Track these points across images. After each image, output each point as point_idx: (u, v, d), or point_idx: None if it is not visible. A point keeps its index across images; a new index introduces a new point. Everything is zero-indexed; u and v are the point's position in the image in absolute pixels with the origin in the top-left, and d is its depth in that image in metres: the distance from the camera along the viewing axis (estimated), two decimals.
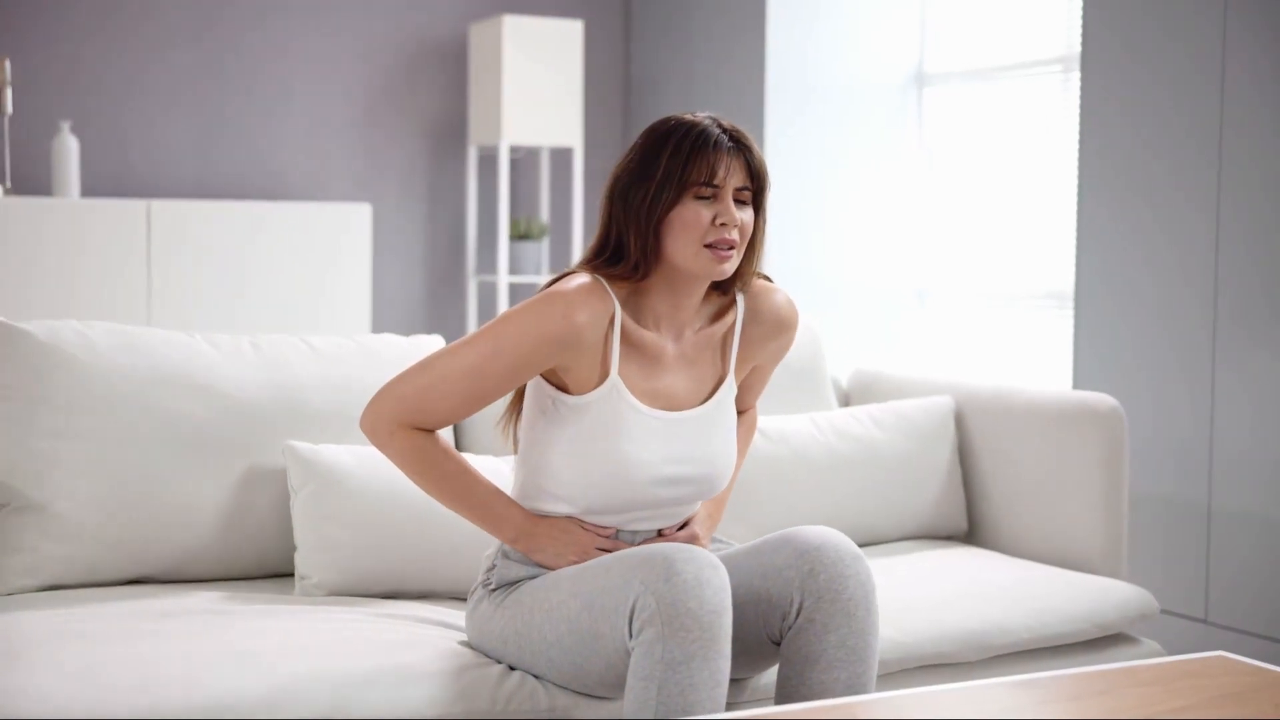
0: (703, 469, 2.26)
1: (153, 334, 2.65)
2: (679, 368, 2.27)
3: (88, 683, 2.01)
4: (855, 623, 2.11)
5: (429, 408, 2.20)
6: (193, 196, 4.89)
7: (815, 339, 3.24)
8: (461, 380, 2.18)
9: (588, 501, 2.23)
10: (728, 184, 2.17)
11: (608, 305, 2.19)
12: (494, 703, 2.16)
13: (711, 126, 2.19)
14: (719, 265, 2.18)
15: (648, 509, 2.26)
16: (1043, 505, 3.00)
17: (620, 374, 2.21)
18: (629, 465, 2.20)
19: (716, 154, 2.16)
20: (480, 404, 2.21)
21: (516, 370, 2.18)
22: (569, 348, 2.17)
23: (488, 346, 2.17)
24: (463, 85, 5.35)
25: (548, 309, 2.16)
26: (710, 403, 2.28)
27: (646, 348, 2.24)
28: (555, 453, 2.23)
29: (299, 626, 2.29)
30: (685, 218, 2.16)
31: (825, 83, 4.98)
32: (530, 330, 2.16)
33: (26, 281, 4.33)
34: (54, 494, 2.48)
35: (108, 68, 4.78)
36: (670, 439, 2.23)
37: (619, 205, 2.20)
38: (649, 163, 2.17)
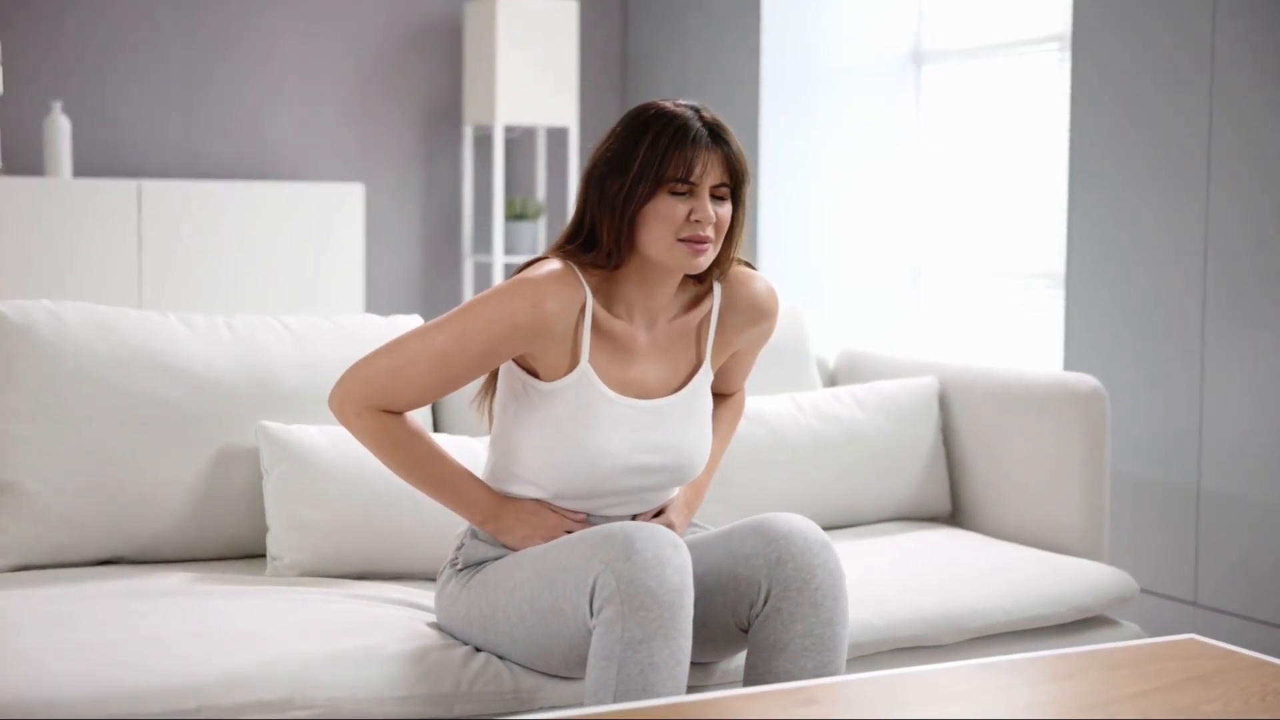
0: (673, 458, 2.24)
1: (125, 314, 2.64)
2: (651, 356, 2.24)
3: (43, 664, 2.00)
4: (823, 612, 2.09)
5: (396, 390, 2.18)
6: (185, 176, 4.88)
7: (799, 319, 3.22)
8: (429, 365, 2.17)
9: (557, 487, 2.22)
10: (704, 181, 2.14)
11: (578, 293, 2.17)
12: (458, 684, 2.15)
13: (692, 120, 2.15)
14: (693, 259, 2.15)
15: (618, 495, 2.24)
16: (1025, 487, 2.97)
17: (591, 362, 2.19)
18: (597, 453, 2.18)
19: (694, 150, 2.13)
20: (448, 388, 2.20)
21: (484, 357, 2.16)
22: (537, 336, 2.15)
23: (456, 332, 2.15)
24: (458, 64, 5.32)
25: (517, 297, 2.14)
26: (684, 391, 2.26)
27: (618, 336, 2.21)
28: (525, 438, 2.22)
29: (265, 607, 2.28)
30: (660, 212, 2.13)
31: (822, 61, 4.95)
32: (499, 318, 2.14)
33: (17, 261, 4.32)
34: (23, 474, 2.47)
35: (99, 47, 4.77)
36: (640, 427, 2.21)
37: (595, 193, 2.17)
38: (627, 152, 2.14)
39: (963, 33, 4.89)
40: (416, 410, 2.70)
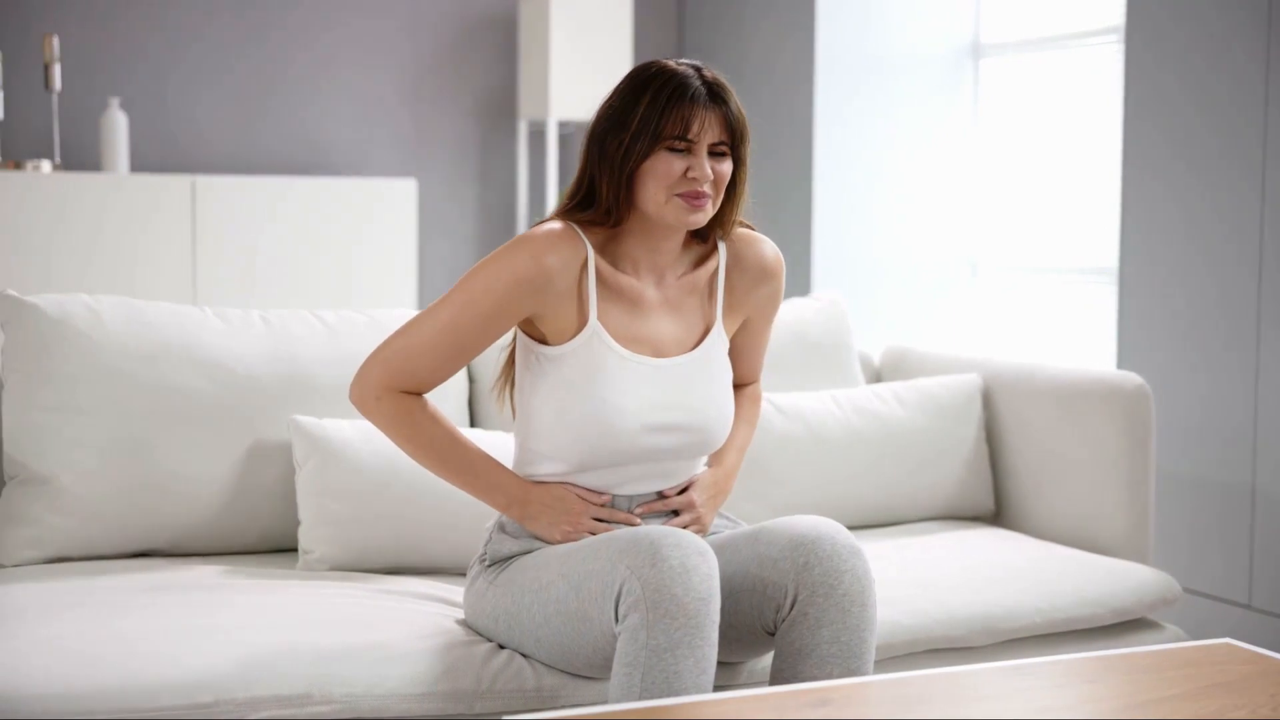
0: (693, 417, 2.21)
1: (161, 308, 2.65)
2: (663, 313, 2.24)
3: (64, 655, 2.01)
4: (850, 619, 2.05)
5: (411, 367, 2.19)
6: (240, 172, 4.91)
7: (841, 314, 3.18)
8: (439, 335, 2.17)
9: (579, 457, 2.19)
10: (702, 138, 2.14)
11: (579, 249, 2.18)
12: (479, 681, 2.14)
13: (691, 78, 2.15)
14: (690, 215, 2.16)
15: (640, 463, 2.20)
16: (1068, 486, 2.92)
17: (600, 320, 2.19)
18: (614, 412, 2.16)
19: (692, 107, 2.13)
20: (461, 359, 2.20)
21: (491, 319, 2.16)
22: (540, 291, 2.15)
23: (461, 298, 2.17)
24: (512, 59, 5.32)
25: (516, 253, 2.16)
26: (699, 350, 2.24)
27: (625, 292, 2.21)
28: (541, 408, 2.21)
29: (290, 601, 2.28)
30: (658, 169, 2.14)
31: (879, 54, 4.89)
32: (500, 276, 2.15)
33: (74, 256, 4.36)
34: (58, 467, 2.49)
35: (156, 44, 4.81)
36: (657, 385, 2.19)
37: (595, 150, 2.19)
38: (627, 110, 2.15)
39: (1022, 25, 4.82)
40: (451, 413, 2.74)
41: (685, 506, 2.25)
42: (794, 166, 4.93)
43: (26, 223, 4.32)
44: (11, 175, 4.34)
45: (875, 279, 4.90)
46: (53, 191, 4.37)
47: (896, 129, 4.92)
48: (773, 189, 5.07)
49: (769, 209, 5.11)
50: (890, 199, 4.93)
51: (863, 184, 4.90)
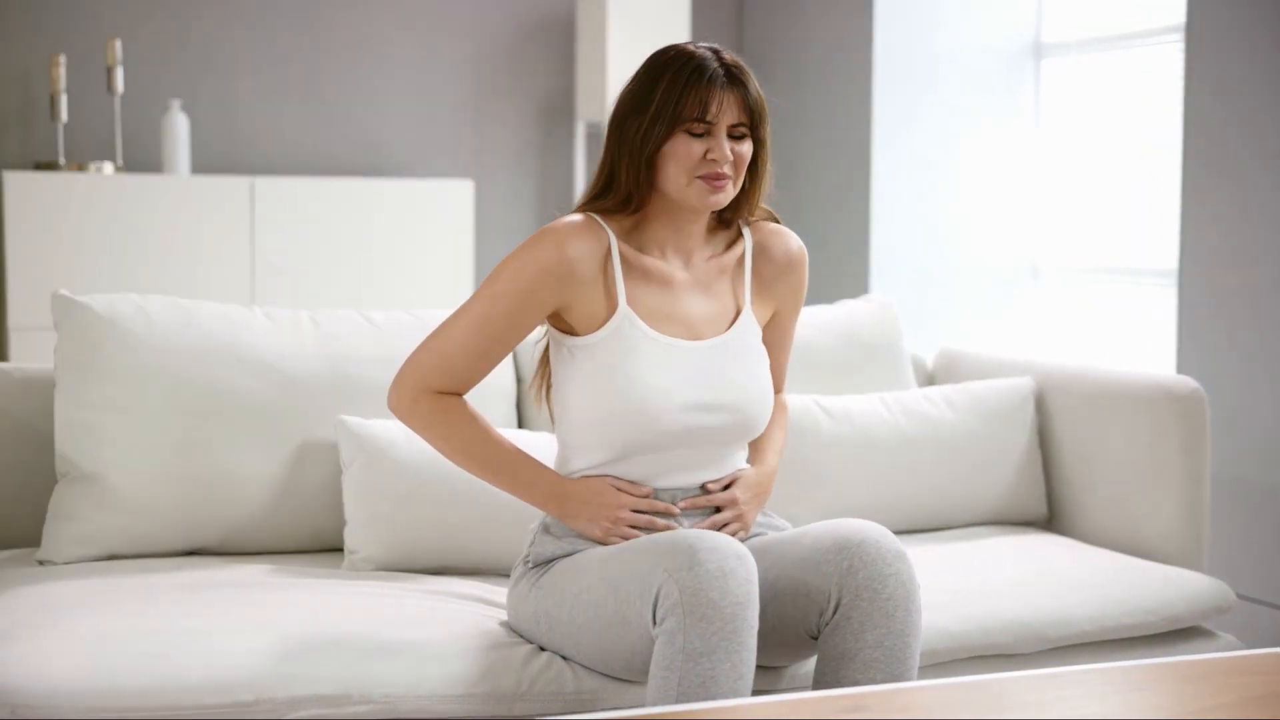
0: (732, 395, 2.20)
1: (210, 308, 2.67)
2: (694, 293, 2.24)
3: (107, 652, 2.03)
4: (894, 623, 2.04)
5: (446, 366, 2.20)
6: (300, 173, 4.94)
7: (892, 316, 3.15)
8: (469, 332, 2.19)
9: (619, 443, 2.18)
10: (721, 120, 2.15)
11: (600, 237, 2.19)
12: (519, 683, 2.14)
13: (709, 60, 2.16)
14: (711, 196, 2.17)
15: (681, 447, 2.19)
16: (1122, 492, 2.88)
17: (631, 304, 2.19)
18: (651, 392, 2.16)
19: (710, 90, 2.14)
20: (493, 355, 2.21)
21: (519, 312, 2.17)
22: (564, 281, 2.16)
23: (487, 294, 2.19)
24: (570, 60, 5.32)
25: (539, 244, 2.18)
26: (732, 331, 2.25)
27: (654, 274, 2.22)
28: (577, 399, 2.21)
29: (334, 601, 2.29)
30: (676, 152, 2.15)
31: (938, 54, 4.85)
32: (525, 267, 2.16)
33: (135, 256, 4.41)
34: (108, 465, 2.51)
35: (217, 47, 4.85)
36: (692, 364, 2.19)
37: (616, 135, 2.20)
38: (645, 94, 2.16)
39: (1083, 24, 4.76)
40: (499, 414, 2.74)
41: (728, 503, 2.23)
42: (852, 167, 4.90)
43: (89, 224, 4.36)
44: (75, 177, 4.40)
45: (934, 281, 4.86)
46: (114, 193, 4.42)
47: (956, 130, 4.88)
48: (830, 189, 5.04)
49: (826, 209, 5.09)
50: (950, 200, 4.89)
51: (921, 185, 4.86)
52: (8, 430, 2.60)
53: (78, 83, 4.63)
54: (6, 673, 1.98)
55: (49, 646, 2.04)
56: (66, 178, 4.38)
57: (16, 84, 4.63)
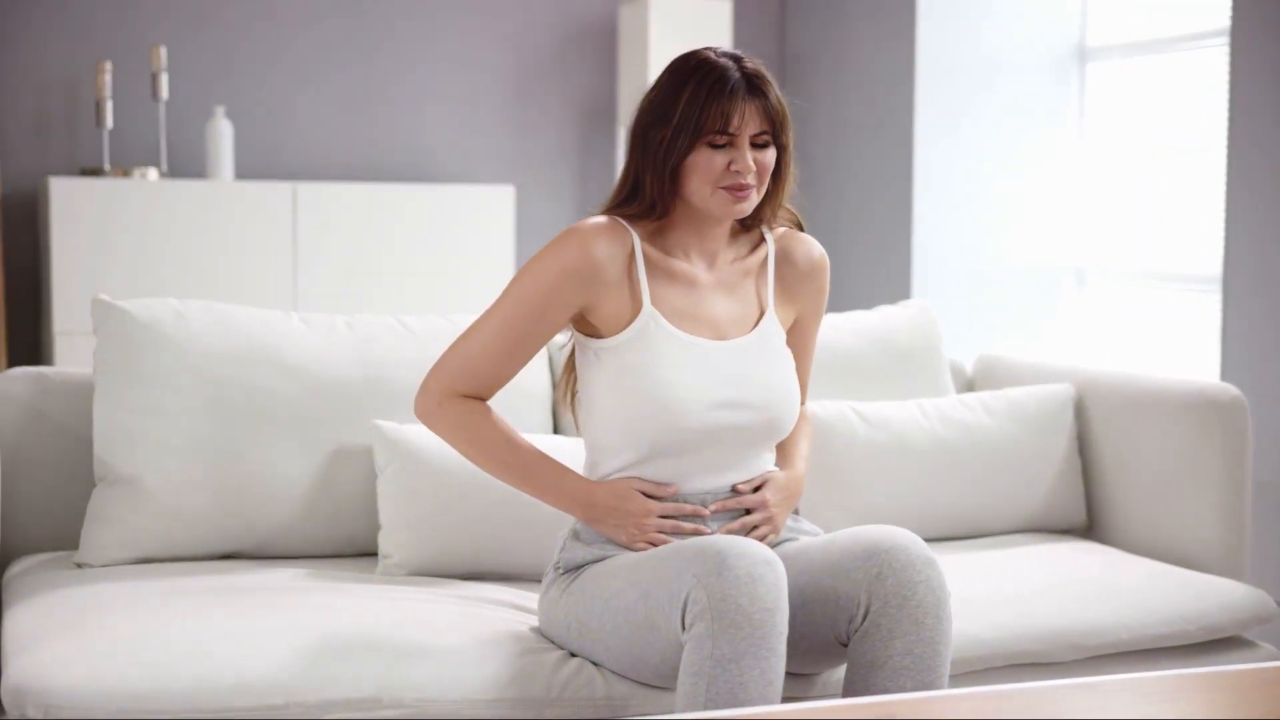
0: (758, 393, 2.20)
1: (247, 313, 2.68)
2: (718, 294, 2.25)
3: (137, 656, 2.04)
4: (924, 630, 2.02)
5: (471, 370, 2.22)
6: (343, 179, 4.96)
7: (931, 321, 3.13)
8: (494, 335, 2.20)
9: (646, 443, 2.18)
10: (743, 131, 2.16)
11: (624, 239, 2.20)
12: (549, 689, 2.14)
13: (731, 70, 2.16)
14: (735, 205, 2.18)
15: (708, 447, 2.19)
16: (1162, 499, 2.85)
17: (655, 304, 2.20)
18: (676, 390, 2.16)
19: (731, 102, 2.14)
20: (519, 357, 2.22)
21: (543, 313, 2.18)
22: (589, 281, 2.17)
23: (513, 295, 2.20)
24: (612, 66, 5.32)
25: (563, 245, 2.19)
26: (756, 331, 2.25)
27: (678, 275, 2.23)
28: (604, 399, 2.21)
29: (366, 605, 2.30)
30: (699, 164, 2.16)
31: (981, 58, 4.82)
32: (549, 268, 2.18)
33: (179, 262, 4.44)
34: (145, 469, 2.53)
35: (261, 53, 4.88)
36: (717, 363, 2.20)
37: (639, 145, 2.21)
38: (668, 105, 2.17)
39: (1128, 28, 4.72)
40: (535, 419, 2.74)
41: (758, 505, 2.22)
42: (894, 172, 4.88)
43: (133, 229, 4.40)
44: (120, 182, 4.44)
45: (977, 287, 4.83)
46: (159, 199, 4.45)
47: (999, 134, 4.85)
48: (872, 194, 5.02)
49: (868, 214, 5.07)
50: (992, 205, 4.86)
51: (964, 190, 4.84)
52: (48, 434, 2.63)
53: (123, 89, 4.68)
54: (40, 673, 2.00)
55: (82, 648, 2.06)
56: (111, 184, 4.42)
57: (64, 91, 4.68)
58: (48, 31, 4.65)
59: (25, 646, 2.09)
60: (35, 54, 4.63)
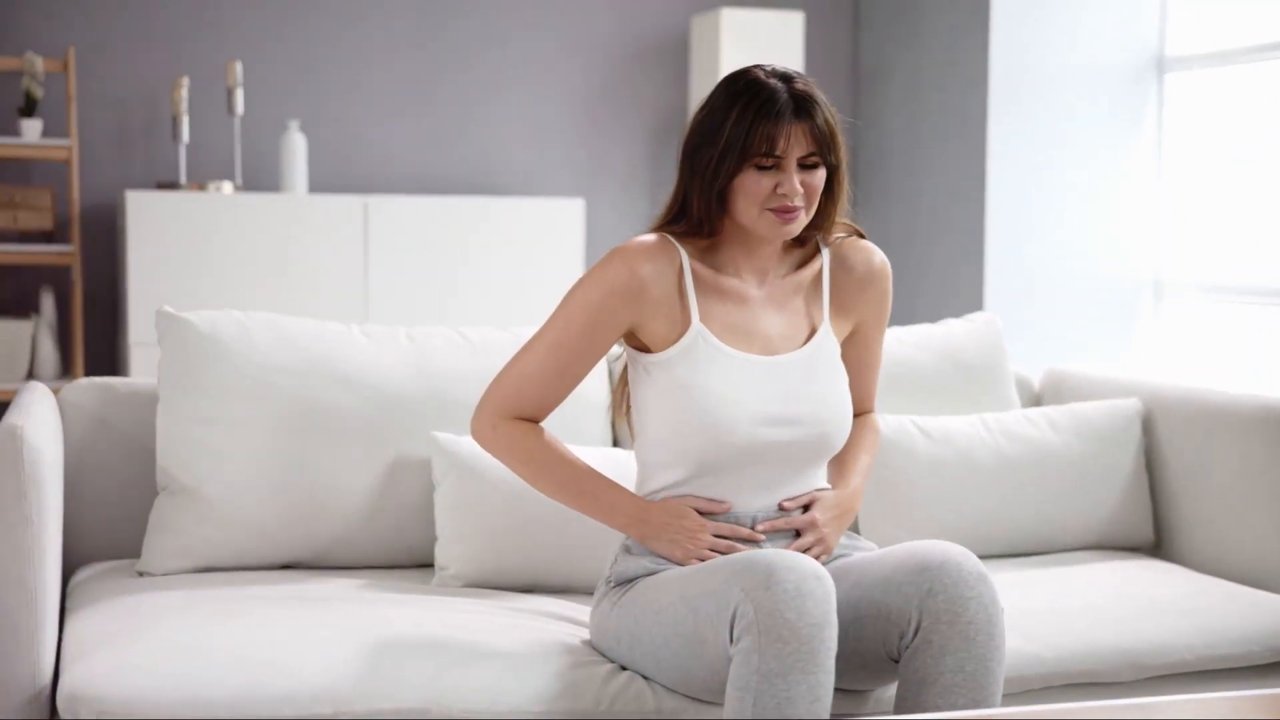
0: (809, 409, 2.19)
1: (308, 325, 2.70)
2: (768, 310, 2.24)
3: (188, 663, 2.06)
4: (975, 648, 2.00)
5: (522, 391, 2.23)
6: (415, 192, 5.00)
7: (995, 334, 3.09)
8: (544, 356, 2.21)
9: (695, 460, 2.17)
10: (790, 154, 2.14)
11: (673, 256, 2.20)
12: (598, 702, 2.13)
13: (779, 92, 2.14)
14: (783, 227, 2.16)
15: (756, 464, 2.17)
16: (1232, 517, 2.79)
17: (704, 320, 2.19)
18: (726, 406, 2.15)
19: (777, 125, 2.12)
20: (570, 378, 2.23)
21: (592, 333, 2.19)
22: (636, 300, 2.17)
23: (561, 317, 2.22)
24: (684, 79, 5.32)
25: (609, 264, 2.20)
26: (808, 347, 2.23)
27: (727, 292, 2.22)
28: (654, 414, 2.21)
29: (418, 616, 2.30)
30: (746, 186, 2.14)
31: (1057, 69, 4.77)
32: (596, 288, 2.18)
33: (252, 274, 4.49)
34: (206, 479, 2.55)
35: (335, 68, 4.93)
36: (767, 380, 2.19)
37: (688, 165, 2.20)
38: (716, 125, 2.15)
39: (1208, 37, 4.65)
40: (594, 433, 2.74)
41: (808, 526, 2.20)
42: (967, 184, 4.83)
43: (208, 242, 4.46)
44: (195, 196, 4.50)
45: (1051, 301, 4.78)
46: (233, 212, 4.51)
47: (1075, 146, 4.79)
48: (946, 206, 4.97)
49: (941, 226, 5.03)
50: (1068, 218, 4.80)
51: (1039, 202, 4.78)
52: (114, 444, 2.66)
53: (199, 104, 4.74)
54: (95, 679, 2.02)
55: (136, 655, 2.08)
56: (186, 197, 4.48)
57: (142, 106, 4.75)
58: (128, 48, 4.73)
59: (83, 653, 2.12)
60: (116, 70, 4.71)
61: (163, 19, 4.75)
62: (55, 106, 4.58)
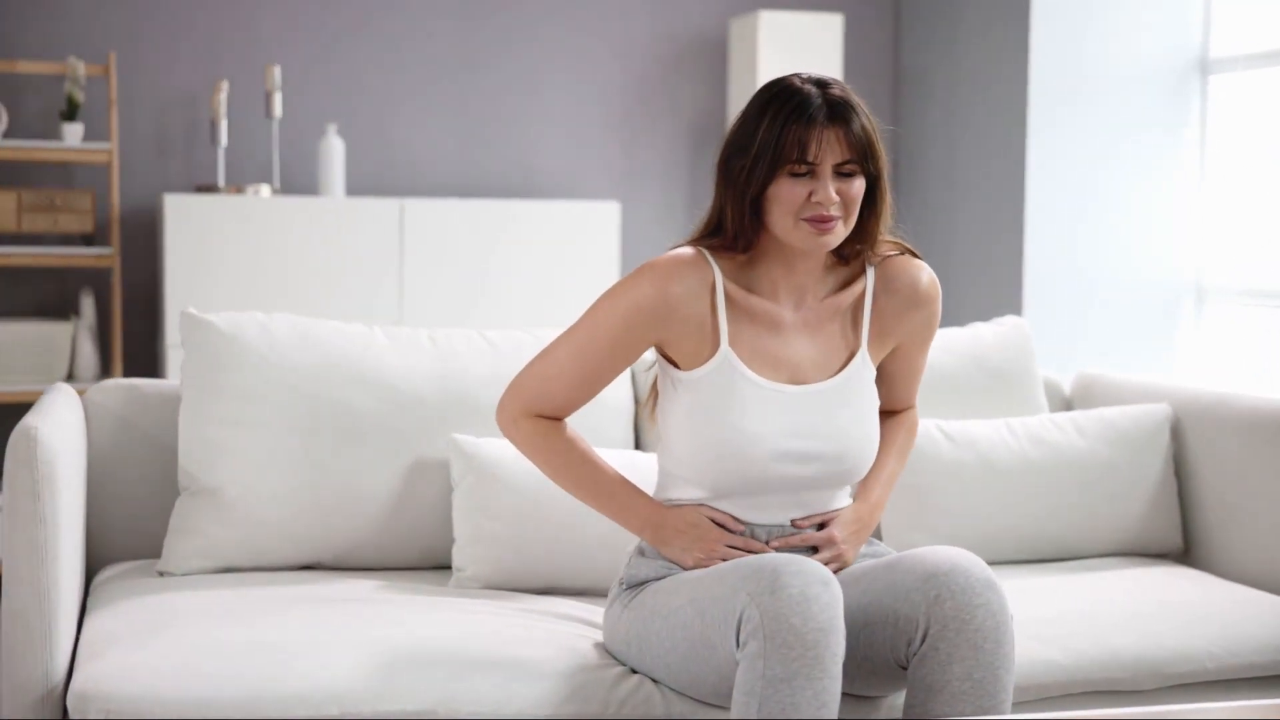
0: (831, 445, 2.15)
1: (331, 326, 2.71)
2: (801, 337, 2.18)
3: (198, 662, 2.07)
4: (983, 655, 1.97)
5: (545, 392, 2.21)
6: (453, 195, 5.01)
7: (1024, 338, 3.06)
8: (569, 362, 2.19)
9: (713, 483, 2.16)
10: (824, 160, 2.07)
11: (705, 275, 2.14)
12: (606, 705, 2.12)
13: (813, 97, 2.08)
14: (819, 238, 2.09)
15: (776, 493, 2.16)
16: (1263, 525, 2.75)
17: (733, 345, 2.15)
18: (745, 439, 2.12)
19: (809, 129, 2.06)
20: (594, 386, 2.21)
21: (617, 347, 2.16)
22: (664, 320, 2.13)
23: (588, 325, 2.18)
24: (722, 82, 5.31)
25: (639, 281, 2.15)
26: (840, 376, 2.17)
27: (759, 316, 2.16)
28: (677, 432, 2.19)
29: (431, 618, 2.30)
30: (780, 195, 2.09)
31: (1098, 70, 4.72)
32: (623, 304, 2.15)
33: (289, 277, 4.51)
34: (226, 480, 2.56)
35: (372, 72, 4.95)
36: (792, 412, 2.14)
37: (722, 175, 2.15)
38: (748, 133, 2.10)
39: (1253, 38, 4.58)
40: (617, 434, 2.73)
41: (825, 543, 2.18)
42: (1008, 187, 4.79)
43: (246, 245, 4.48)
44: (233, 199, 4.53)
45: (1091, 305, 4.73)
46: (270, 215, 4.53)
47: (1117, 148, 4.74)
48: (986, 209, 4.93)
49: (980, 229, 4.98)
50: (1110, 221, 4.75)
51: (1080, 205, 4.73)
52: (138, 444, 2.68)
53: (238, 108, 4.77)
54: (106, 679, 2.03)
55: (150, 654, 2.09)
56: (224, 200, 4.51)
57: (182, 109, 4.78)
58: (168, 52, 4.76)
59: (96, 652, 2.13)
60: (156, 74, 4.75)
61: (202, 24, 4.79)
62: (96, 110, 4.62)
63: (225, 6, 4.81)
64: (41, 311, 4.67)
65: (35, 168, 4.64)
